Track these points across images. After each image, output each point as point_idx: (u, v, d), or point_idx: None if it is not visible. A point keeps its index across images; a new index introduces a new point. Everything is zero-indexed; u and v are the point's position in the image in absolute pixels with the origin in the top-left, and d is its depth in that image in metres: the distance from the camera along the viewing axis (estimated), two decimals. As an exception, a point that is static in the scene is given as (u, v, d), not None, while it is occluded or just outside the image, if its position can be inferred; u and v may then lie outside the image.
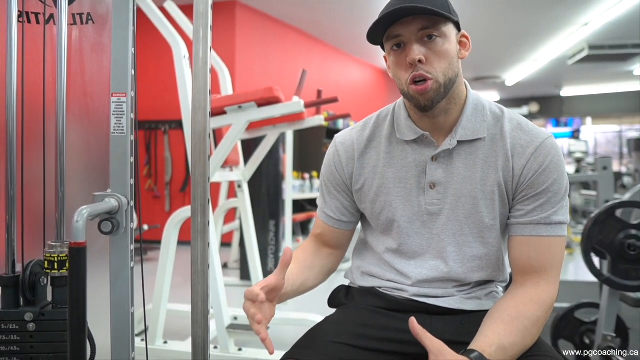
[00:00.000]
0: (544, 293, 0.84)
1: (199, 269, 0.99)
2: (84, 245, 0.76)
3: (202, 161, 0.98)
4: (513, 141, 0.88)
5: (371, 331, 0.90)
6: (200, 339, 1.00)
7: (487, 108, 0.92)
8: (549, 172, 0.85)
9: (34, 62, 1.05)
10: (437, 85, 0.85)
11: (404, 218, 0.93)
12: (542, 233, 0.85)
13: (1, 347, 0.97)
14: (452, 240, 0.90)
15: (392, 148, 0.95)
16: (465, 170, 0.89)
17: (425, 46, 0.85)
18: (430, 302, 0.91)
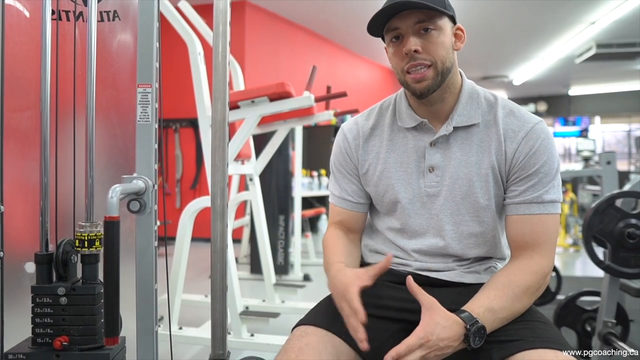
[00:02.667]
0: (535, 264, 0.90)
1: (218, 247, 1.07)
2: (117, 219, 0.84)
3: (220, 147, 1.06)
4: (505, 126, 0.94)
5: (379, 301, 0.97)
6: (219, 313, 1.08)
7: (482, 95, 0.99)
8: (539, 155, 0.91)
9: (64, 57, 1.13)
10: (433, 72, 0.91)
11: (406, 199, 0.99)
12: (534, 211, 0.91)
13: (36, 319, 1.04)
14: (449, 220, 0.97)
15: (394, 135, 1.03)
16: (461, 154, 0.96)
17: (421, 38, 0.91)
18: (432, 276, 0.98)
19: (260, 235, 2.43)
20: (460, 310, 0.83)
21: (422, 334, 0.78)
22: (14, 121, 1.14)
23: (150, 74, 1.05)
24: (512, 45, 7.76)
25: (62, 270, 1.06)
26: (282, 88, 1.81)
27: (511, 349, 0.80)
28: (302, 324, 0.93)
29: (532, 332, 0.84)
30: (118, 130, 1.15)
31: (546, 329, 0.86)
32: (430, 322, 0.80)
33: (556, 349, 0.79)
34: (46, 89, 1.07)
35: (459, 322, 0.81)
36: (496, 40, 7.26)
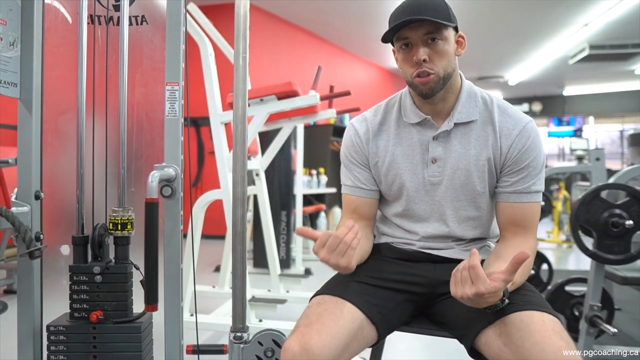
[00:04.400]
0: (532, 244, 1.04)
1: (239, 230, 1.18)
2: (156, 201, 0.95)
3: (241, 140, 1.18)
4: (500, 124, 1.06)
5: (386, 275, 1.09)
6: (239, 290, 1.19)
7: (479, 95, 1.10)
8: (530, 151, 1.03)
9: (97, 57, 1.24)
10: (437, 78, 1.02)
11: (412, 187, 1.11)
12: (524, 200, 1.04)
13: (74, 295, 1.16)
14: (450, 205, 1.09)
15: (400, 130, 1.13)
16: (460, 148, 1.07)
17: (428, 47, 1.01)
18: (434, 253, 1.10)
19: (265, 227, 2.54)
20: None
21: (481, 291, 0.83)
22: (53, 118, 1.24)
23: (178, 73, 1.17)
24: (507, 46, 7.90)
25: (97, 251, 1.17)
26: (289, 87, 1.93)
27: (504, 311, 0.91)
28: (319, 294, 1.05)
29: (522, 297, 0.95)
30: (146, 124, 1.26)
31: (533, 295, 0.97)
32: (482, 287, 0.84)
33: (542, 311, 0.90)
34: (82, 87, 1.19)
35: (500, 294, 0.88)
36: (492, 41, 7.40)
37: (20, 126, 1.16)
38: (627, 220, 1.74)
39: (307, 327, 0.94)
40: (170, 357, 1.19)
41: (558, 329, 0.87)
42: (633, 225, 1.74)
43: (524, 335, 0.86)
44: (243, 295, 1.19)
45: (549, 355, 0.81)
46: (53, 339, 1.14)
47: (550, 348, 0.82)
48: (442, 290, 1.05)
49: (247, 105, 1.17)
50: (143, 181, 1.26)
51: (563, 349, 0.82)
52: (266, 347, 1.16)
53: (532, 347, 0.83)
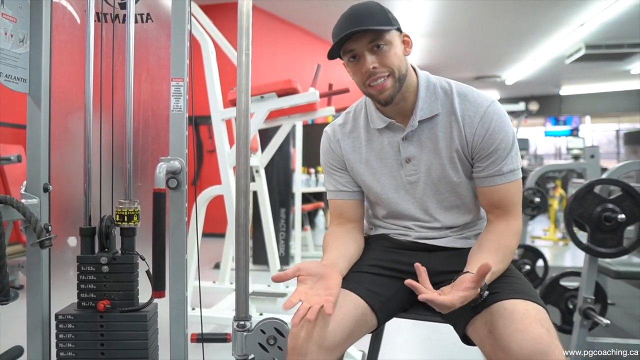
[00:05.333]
0: (513, 226, 1.06)
1: (242, 222, 1.21)
2: (164, 191, 0.99)
3: (244, 134, 1.21)
4: (462, 113, 1.06)
5: (383, 263, 1.13)
6: (242, 280, 1.22)
7: (438, 86, 1.09)
8: (494, 135, 1.03)
9: (104, 54, 1.28)
10: (392, 80, 1.02)
11: (392, 190, 1.14)
12: (498, 182, 1.05)
13: (81, 285, 1.19)
14: (433, 199, 1.12)
15: (370, 135, 1.15)
16: (430, 143, 1.09)
17: (375, 54, 1.02)
18: (429, 243, 1.14)
19: (265, 223, 2.58)
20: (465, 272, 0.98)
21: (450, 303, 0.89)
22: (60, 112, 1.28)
23: (182, 70, 1.20)
24: (504, 46, 7.95)
25: (104, 242, 1.21)
26: (289, 85, 1.96)
27: (490, 300, 0.95)
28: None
29: (509, 285, 0.98)
30: (151, 120, 1.30)
31: (520, 283, 1.00)
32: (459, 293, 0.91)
33: (527, 299, 0.93)
34: (89, 83, 1.22)
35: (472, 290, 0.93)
36: (489, 41, 7.45)
37: (29, 121, 1.19)
38: (619, 214, 1.78)
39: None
40: (175, 345, 1.23)
41: (540, 317, 0.89)
42: (625, 219, 1.78)
43: (507, 323, 0.88)
44: (246, 285, 1.22)
45: (529, 342, 0.84)
46: (62, 327, 1.17)
47: (530, 335, 0.85)
48: (436, 279, 1.08)
49: (250, 101, 1.20)
50: (148, 175, 1.30)
51: (543, 336, 0.84)
52: (269, 335, 1.19)
53: (514, 334, 0.86)
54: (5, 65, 1.11)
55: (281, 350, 1.19)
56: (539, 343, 0.84)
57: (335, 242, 1.13)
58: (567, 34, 7.04)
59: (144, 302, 1.20)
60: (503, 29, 7.00)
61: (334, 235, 1.16)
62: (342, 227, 1.18)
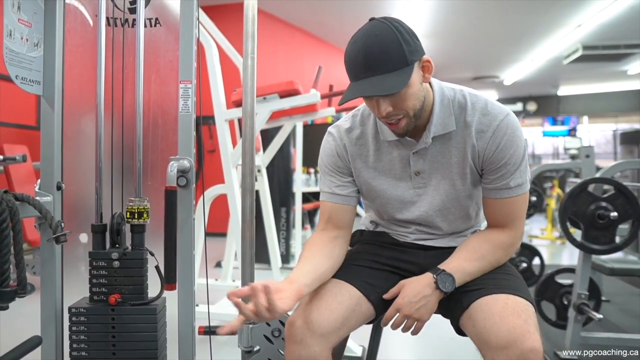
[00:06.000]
0: (507, 237, 1.07)
1: (247, 218, 1.26)
2: (175, 189, 1.04)
3: (250, 134, 1.26)
4: (476, 126, 1.03)
5: (380, 259, 1.17)
6: (248, 274, 1.27)
7: (452, 100, 1.05)
8: (505, 150, 1.01)
9: (114, 57, 1.33)
10: (407, 119, 0.99)
11: (397, 201, 1.13)
12: (504, 195, 1.04)
13: (93, 280, 1.23)
14: (438, 213, 1.12)
15: (379, 145, 1.11)
16: (441, 157, 1.07)
17: (389, 98, 0.95)
18: (426, 244, 1.17)
19: (267, 221, 2.63)
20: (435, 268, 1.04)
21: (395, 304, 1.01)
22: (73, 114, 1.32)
23: (190, 72, 1.25)
24: (503, 47, 8.01)
25: (115, 238, 1.26)
26: (291, 86, 2.01)
27: (473, 296, 0.99)
28: None
29: (494, 281, 1.02)
30: (160, 120, 1.35)
31: (506, 279, 1.04)
32: (401, 292, 1.03)
33: (508, 294, 0.96)
34: (101, 85, 1.27)
35: (426, 275, 1.02)
36: (487, 41, 7.51)
37: (43, 121, 1.24)
38: (612, 212, 1.84)
39: (308, 304, 1.03)
40: (183, 337, 1.27)
41: (520, 309, 0.92)
42: (618, 217, 1.84)
43: (486, 317, 0.93)
44: (252, 279, 1.27)
45: (503, 333, 0.87)
46: (74, 320, 1.22)
47: (505, 327, 0.88)
48: None
49: (255, 102, 1.25)
50: (158, 173, 1.35)
51: (517, 327, 0.87)
52: (273, 328, 1.24)
53: (491, 327, 0.90)
54: (21, 68, 1.16)
55: (285, 341, 1.24)
56: (512, 333, 0.87)
57: (310, 253, 1.07)
58: (564, 34, 7.10)
59: (153, 296, 1.25)
60: (501, 30, 7.05)
61: (313, 243, 1.11)
62: (325, 234, 1.13)
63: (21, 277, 1.08)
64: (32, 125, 4.68)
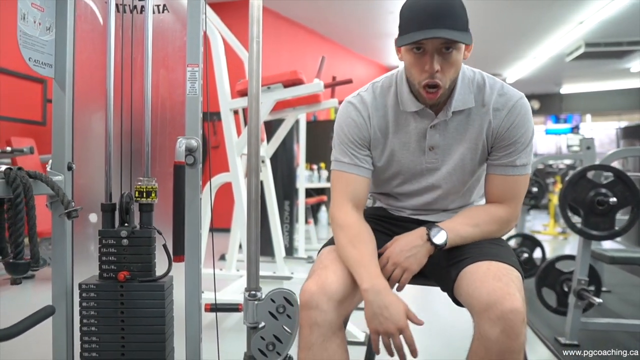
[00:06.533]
0: (503, 212, 1.11)
1: (253, 198, 1.30)
2: (184, 164, 1.07)
3: (255, 118, 1.29)
4: (493, 105, 1.09)
5: (379, 228, 1.23)
6: (253, 254, 1.30)
7: (472, 80, 1.12)
8: (517, 129, 1.08)
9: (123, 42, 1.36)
10: (443, 90, 1.04)
11: (408, 173, 1.17)
12: (509, 172, 1.10)
13: (103, 257, 1.27)
14: (444, 187, 1.17)
15: (397, 116, 1.14)
16: (457, 134, 1.12)
17: (442, 56, 1.00)
18: (422, 219, 1.22)
19: (271, 211, 2.67)
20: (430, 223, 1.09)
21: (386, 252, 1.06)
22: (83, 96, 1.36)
23: (197, 56, 1.28)
24: (505, 44, 8.03)
25: (124, 217, 1.29)
26: (295, 75, 2.05)
27: (460, 266, 1.02)
28: (328, 244, 1.17)
29: (479, 250, 1.05)
30: (168, 103, 1.38)
31: (491, 247, 1.06)
32: (394, 244, 1.07)
33: (492, 260, 0.99)
34: (110, 69, 1.31)
35: (419, 229, 1.07)
36: (489, 39, 7.52)
37: (55, 104, 1.28)
38: (611, 197, 1.86)
39: (323, 269, 1.06)
40: (190, 314, 1.31)
41: (501, 273, 0.95)
42: (617, 202, 1.86)
43: (469, 283, 0.96)
44: (256, 258, 1.31)
45: (484, 296, 0.90)
46: (85, 296, 1.26)
47: (485, 290, 0.91)
48: None
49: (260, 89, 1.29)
50: (165, 155, 1.38)
51: (497, 289, 0.90)
52: (278, 304, 1.27)
53: (474, 292, 0.93)
54: (34, 51, 1.20)
55: (290, 318, 1.27)
56: (492, 295, 0.89)
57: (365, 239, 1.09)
58: (566, 31, 7.11)
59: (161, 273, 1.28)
60: (503, 27, 7.07)
61: (364, 225, 1.13)
62: (360, 213, 1.16)
63: (34, 251, 1.12)
64: (38, 121, 4.73)
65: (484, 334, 0.89)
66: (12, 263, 1.05)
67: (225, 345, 2.05)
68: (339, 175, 1.16)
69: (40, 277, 3.28)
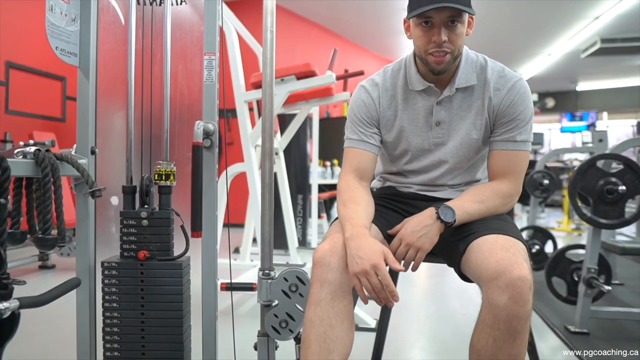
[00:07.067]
0: (505, 186, 1.17)
1: (267, 181, 1.35)
2: (202, 144, 1.13)
3: (269, 102, 1.35)
4: (494, 85, 1.19)
5: (389, 205, 1.28)
6: (267, 234, 1.36)
7: (475, 61, 1.22)
8: (516, 106, 1.17)
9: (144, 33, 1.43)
10: (451, 57, 1.13)
11: (417, 148, 1.26)
12: (510, 147, 1.18)
13: (124, 237, 1.34)
14: (450, 161, 1.24)
15: (406, 95, 1.25)
16: (461, 110, 1.21)
17: (448, 29, 1.10)
18: (429, 194, 1.28)
19: (284, 202, 2.72)
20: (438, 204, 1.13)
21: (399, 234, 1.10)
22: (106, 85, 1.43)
23: (214, 45, 1.34)
24: (519, 41, 7.98)
25: (144, 198, 1.35)
26: (307, 67, 2.10)
27: (468, 241, 1.06)
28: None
29: (486, 225, 1.09)
30: (185, 90, 1.44)
31: (497, 222, 1.11)
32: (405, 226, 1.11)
33: (498, 234, 1.03)
34: (131, 59, 1.37)
35: (428, 209, 1.11)
36: (503, 36, 7.49)
37: (79, 91, 1.35)
38: (620, 186, 1.88)
39: (335, 233, 1.12)
40: (206, 292, 1.37)
41: (508, 245, 0.99)
42: (626, 191, 1.88)
43: (478, 255, 1.00)
44: (270, 239, 1.36)
45: (492, 265, 0.94)
46: (107, 274, 1.32)
47: (494, 259, 0.95)
48: None
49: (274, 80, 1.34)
50: (183, 140, 1.45)
51: (505, 258, 0.94)
52: (291, 283, 1.33)
53: (482, 262, 0.97)
54: (60, 40, 1.27)
55: (302, 297, 1.32)
56: (500, 264, 0.93)
57: (356, 195, 1.18)
58: (582, 27, 7.04)
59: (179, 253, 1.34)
60: (517, 24, 7.04)
61: (352, 187, 1.20)
62: (362, 182, 1.23)
63: (61, 228, 1.19)
64: (58, 117, 4.87)
65: (492, 302, 0.92)
66: (41, 238, 1.12)
67: (239, 330, 2.11)
68: (347, 151, 1.27)
69: (60, 267, 3.39)
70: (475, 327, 0.97)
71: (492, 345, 0.92)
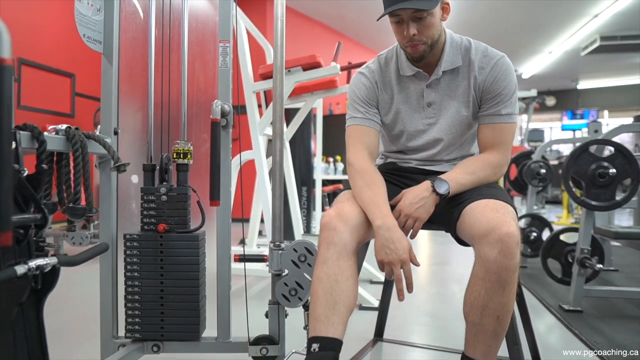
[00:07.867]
0: (494, 157, 1.27)
1: (277, 160, 1.45)
2: (219, 121, 1.23)
3: (279, 94, 1.45)
4: (478, 64, 1.28)
5: (395, 180, 1.38)
6: (277, 209, 1.45)
7: (460, 44, 1.31)
8: (500, 82, 1.26)
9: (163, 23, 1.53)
10: (425, 46, 1.23)
11: (412, 128, 1.36)
12: (496, 121, 1.28)
13: (144, 212, 1.44)
14: (444, 138, 1.34)
15: (399, 80, 1.36)
16: (449, 91, 1.31)
17: (417, 23, 1.20)
18: (427, 168, 1.38)
19: (290, 190, 2.82)
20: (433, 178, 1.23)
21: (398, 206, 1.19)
22: (128, 71, 1.53)
23: (228, 33, 1.44)
24: (519, 39, 8.07)
25: (164, 175, 1.46)
26: (313, 59, 2.20)
27: (462, 207, 1.16)
28: (344, 190, 1.33)
29: (479, 191, 1.19)
30: (201, 75, 1.55)
31: (488, 189, 1.21)
32: (403, 198, 1.21)
33: (489, 198, 1.13)
34: (151, 46, 1.47)
35: (424, 182, 1.21)
36: (503, 34, 7.58)
37: (103, 76, 1.45)
38: (611, 169, 1.97)
39: (342, 202, 1.22)
40: (221, 263, 1.47)
41: (498, 207, 1.09)
42: (617, 174, 1.97)
43: (470, 217, 1.10)
44: (280, 213, 1.46)
45: (483, 224, 1.04)
46: (129, 245, 1.42)
47: (485, 219, 1.05)
48: None
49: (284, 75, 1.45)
50: (200, 122, 1.55)
51: (494, 218, 1.03)
52: (300, 253, 1.43)
53: (474, 223, 1.07)
54: (87, 28, 1.38)
55: (310, 266, 1.42)
56: (490, 222, 1.03)
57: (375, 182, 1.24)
58: (581, 25, 7.13)
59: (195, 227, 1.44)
60: (517, 22, 7.13)
61: (377, 171, 1.29)
62: (373, 162, 1.32)
63: (89, 199, 1.29)
64: (67, 113, 4.98)
65: (483, 257, 1.02)
66: (72, 207, 1.22)
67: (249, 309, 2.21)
68: (354, 129, 1.34)
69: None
70: (469, 281, 1.07)
71: (484, 296, 1.02)
